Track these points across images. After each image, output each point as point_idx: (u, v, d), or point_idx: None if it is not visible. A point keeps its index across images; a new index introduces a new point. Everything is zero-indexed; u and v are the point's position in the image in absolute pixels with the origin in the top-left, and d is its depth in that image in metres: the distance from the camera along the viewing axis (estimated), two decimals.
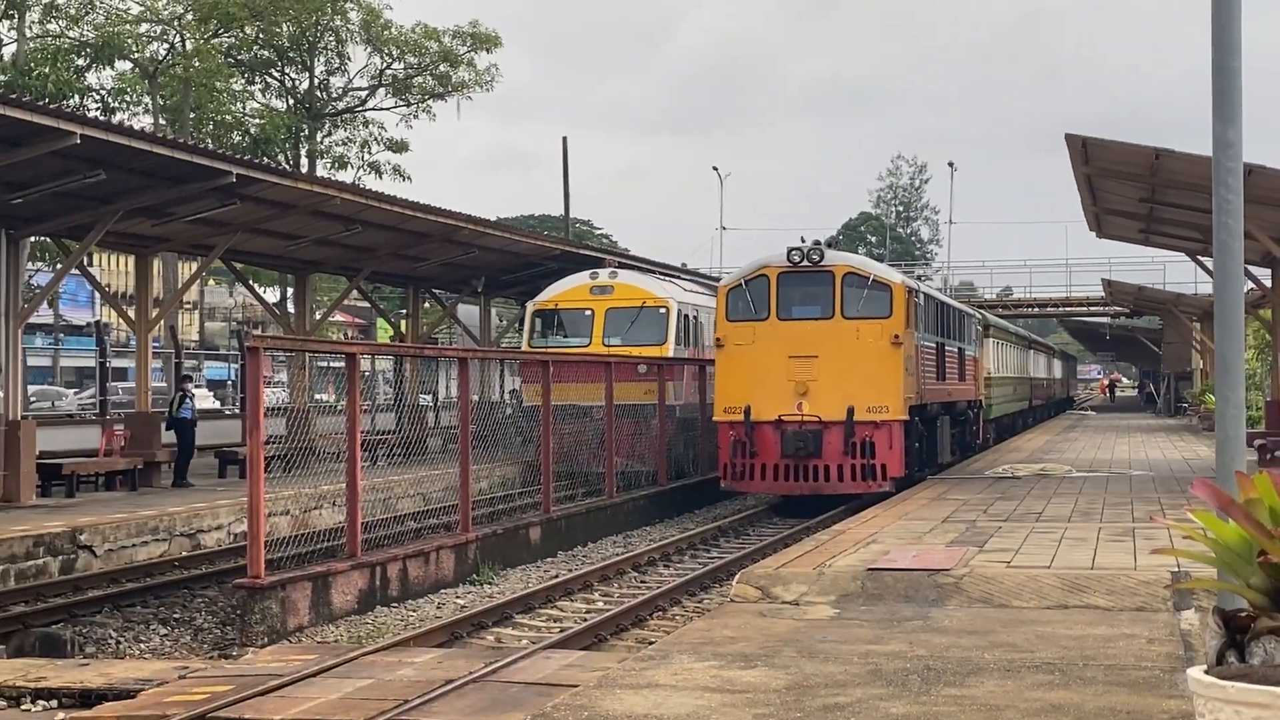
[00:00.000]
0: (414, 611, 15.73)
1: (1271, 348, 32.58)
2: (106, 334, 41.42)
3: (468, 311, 41.97)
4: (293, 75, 51.13)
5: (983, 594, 11.21)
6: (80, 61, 42.91)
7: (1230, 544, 4.47)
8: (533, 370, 25.02)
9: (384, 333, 62.25)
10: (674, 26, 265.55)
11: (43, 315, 57.20)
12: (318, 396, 32.54)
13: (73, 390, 55.93)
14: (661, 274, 33.07)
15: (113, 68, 44.88)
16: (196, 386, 37.91)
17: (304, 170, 44.85)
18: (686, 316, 29.98)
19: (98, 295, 44.57)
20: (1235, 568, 4.47)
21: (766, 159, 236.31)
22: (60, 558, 17.37)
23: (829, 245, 24.92)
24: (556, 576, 18.02)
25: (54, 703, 10.47)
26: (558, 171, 55.48)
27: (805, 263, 24.08)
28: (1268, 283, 29.90)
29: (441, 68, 51.94)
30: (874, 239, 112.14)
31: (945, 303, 30.82)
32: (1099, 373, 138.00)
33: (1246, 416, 9.33)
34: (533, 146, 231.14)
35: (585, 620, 14.62)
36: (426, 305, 39.36)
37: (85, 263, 29.19)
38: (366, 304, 50.06)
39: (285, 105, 51.26)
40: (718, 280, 35.18)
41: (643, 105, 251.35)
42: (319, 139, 51.19)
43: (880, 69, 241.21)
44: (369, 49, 51.43)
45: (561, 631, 13.85)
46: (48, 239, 28.40)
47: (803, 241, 24.51)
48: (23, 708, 10.47)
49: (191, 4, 45.95)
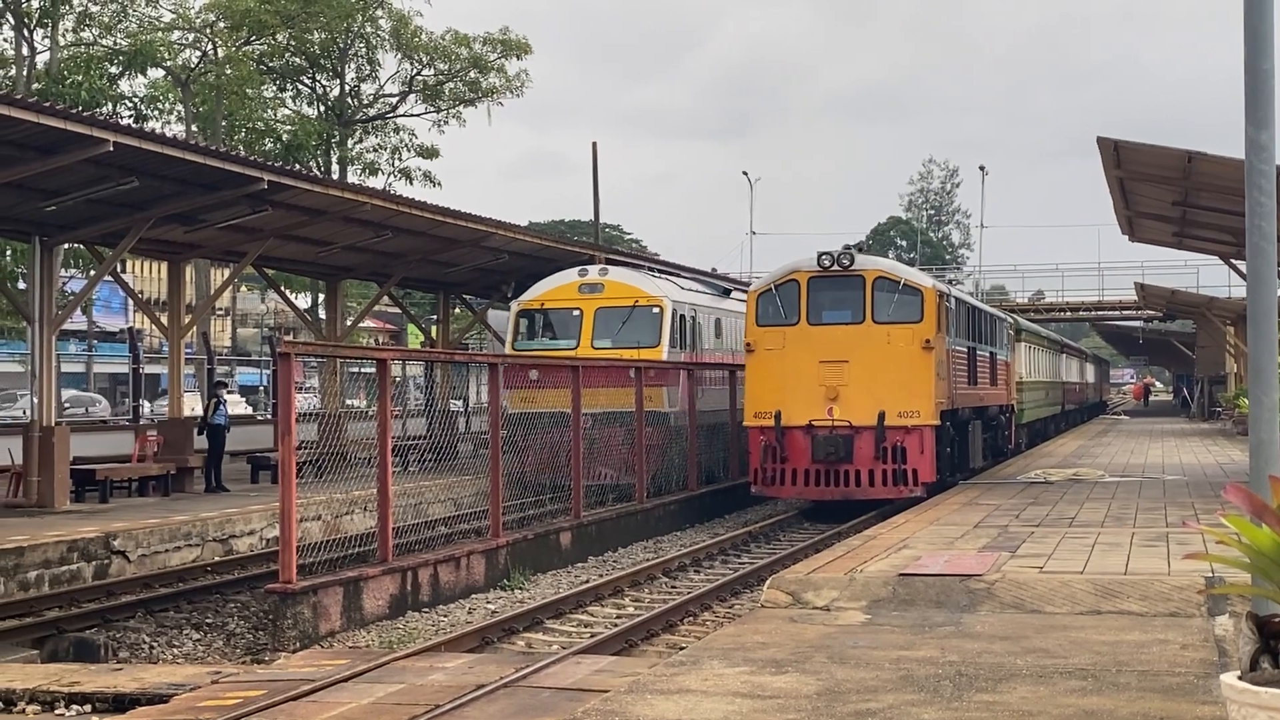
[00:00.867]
0: (445, 616, 15.77)
1: None
2: (139, 340, 41.69)
3: (498, 317, 41.98)
4: (324, 82, 51.31)
5: (1015, 599, 11.16)
6: (113, 69, 43.11)
7: (1264, 549, 4.45)
8: (517, 377, 23.16)
9: (414, 338, 62.43)
10: (707, 31, 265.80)
11: (76, 322, 57.46)
12: (349, 402, 32.60)
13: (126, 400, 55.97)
14: (659, 271, 31.21)
15: (145, 76, 45.14)
16: (229, 392, 38.08)
17: (335, 177, 44.99)
18: (683, 317, 27.92)
19: (131, 302, 44.75)
20: (1269, 573, 4.44)
21: (798, 164, 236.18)
22: (94, 563, 17.48)
23: (858, 250, 24.83)
24: (587, 582, 18.03)
25: (88, 707, 10.53)
26: (590, 176, 55.25)
27: (836, 267, 24.02)
28: None
29: (472, 74, 52.02)
30: (903, 243, 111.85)
31: (976, 307, 30.71)
32: (1132, 377, 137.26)
33: None
34: (566, 151, 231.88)
35: (616, 625, 14.63)
36: (457, 310, 39.48)
37: (118, 269, 29.41)
38: (397, 310, 50.19)
39: (316, 112, 51.43)
40: (747, 285, 34.89)
41: (675, 110, 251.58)
42: (350, 145, 51.33)
43: (912, 74, 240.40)
44: (399, 55, 51.60)
45: (592, 637, 13.86)
46: (81, 246, 28.55)
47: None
48: (57, 712, 10.54)
49: (223, 12, 46.18)
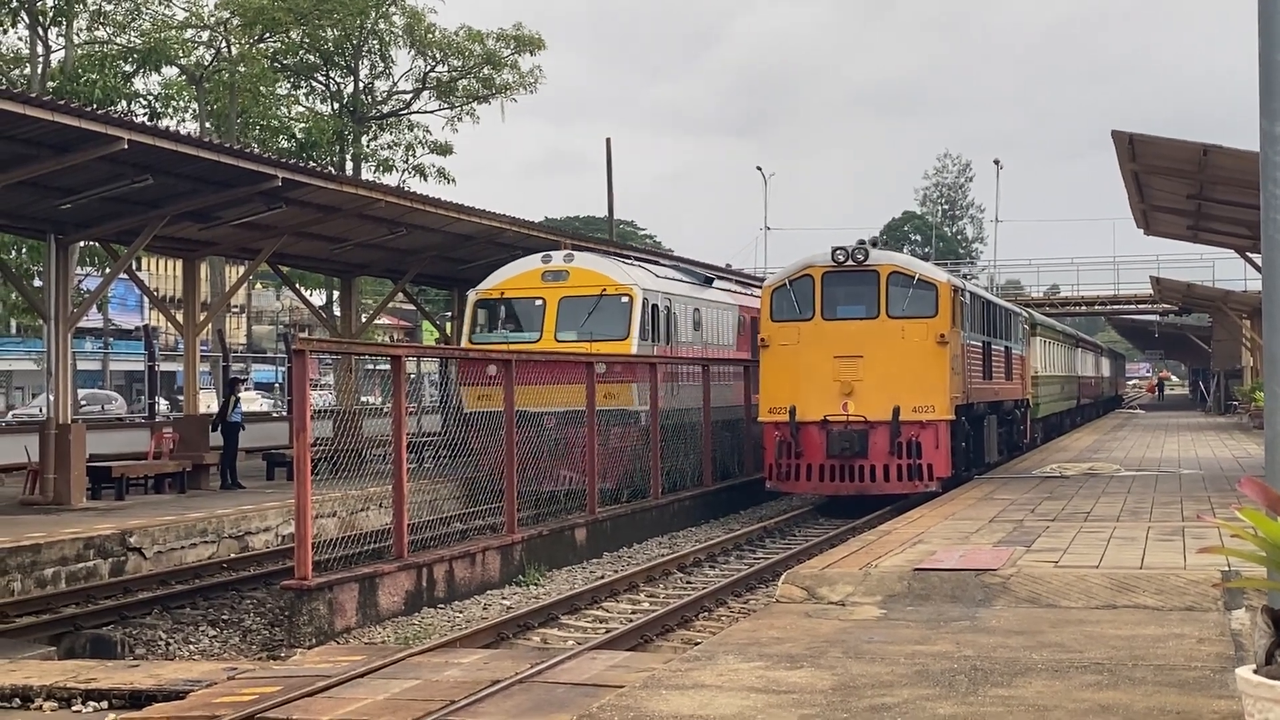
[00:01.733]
0: (460, 612, 15.78)
1: None
2: (155, 338, 41.81)
3: None
4: (337, 79, 51.41)
5: (1030, 594, 11.14)
6: (127, 67, 43.26)
7: (1279, 542, 4.43)
8: (474, 371, 21.97)
9: (429, 335, 62.52)
10: (724, 28, 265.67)
11: (92, 319, 57.64)
12: (364, 399, 32.64)
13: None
14: (634, 259, 29.58)
15: (159, 73, 45.33)
16: (246, 389, 38.18)
17: (349, 174, 45.04)
18: (655, 307, 26.23)
19: (146, 299, 44.88)
20: None
21: (813, 159, 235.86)
22: (110, 560, 17.53)
23: (872, 245, 24.78)
24: (602, 577, 18.04)
25: (104, 704, 10.55)
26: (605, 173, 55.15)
27: (850, 262, 23.98)
28: None
29: (485, 70, 52.03)
30: (917, 238, 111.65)
31: (991, 301, 30.65)
32: (1148, 371, 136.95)
33: None
34: (582, 148, 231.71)
35: (631, 621, 14.63)
36: None
37: (133, 267, 29.47)
38: (412, 306, 50.22)
39: (330, 109, 51.54)
40: (761, 280, 34.69)
41: (691, 106, 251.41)
42: (364, 143, 51.41)
43: (929, 70, 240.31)
44: (413, 52, 51.63)
45: (607, 632, 13.85)
46: (96, 244, 28.64)
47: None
48: (73, 709, 10.57)
49: (237, 9, 46.27)
